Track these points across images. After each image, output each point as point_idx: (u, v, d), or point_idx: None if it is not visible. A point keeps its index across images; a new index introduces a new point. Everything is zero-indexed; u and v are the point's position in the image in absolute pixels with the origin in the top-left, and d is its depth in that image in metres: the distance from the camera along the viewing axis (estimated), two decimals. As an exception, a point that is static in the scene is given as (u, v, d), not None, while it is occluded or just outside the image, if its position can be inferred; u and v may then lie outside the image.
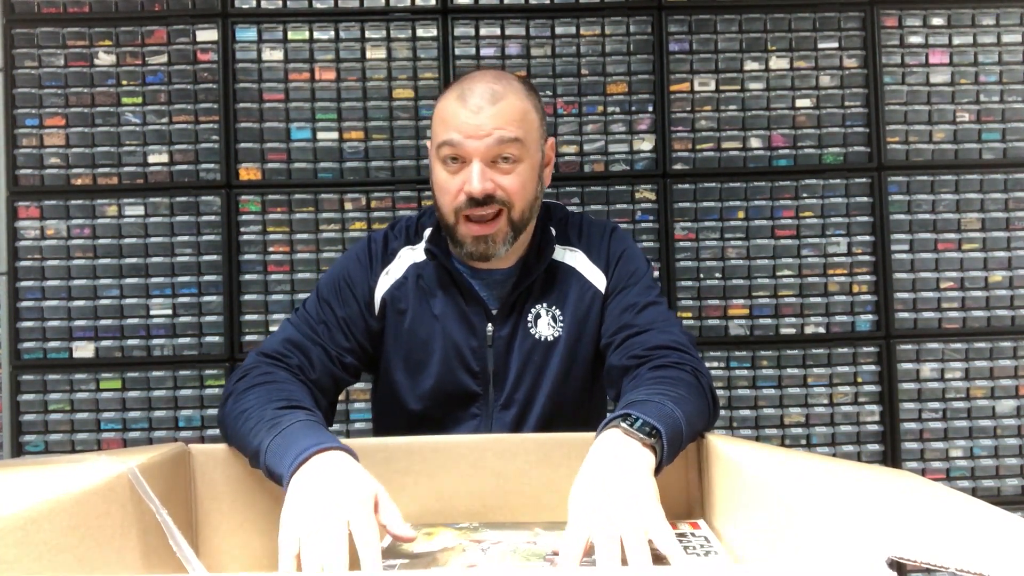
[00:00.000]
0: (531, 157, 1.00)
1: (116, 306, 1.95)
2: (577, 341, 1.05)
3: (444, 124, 0.97)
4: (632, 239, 1.14)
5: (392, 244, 1.09)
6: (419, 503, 0.82)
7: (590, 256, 1.08)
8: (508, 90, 0.98)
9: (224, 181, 1.96)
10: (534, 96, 1.03)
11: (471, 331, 1.04)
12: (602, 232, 1.11)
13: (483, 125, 0.94)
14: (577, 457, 0.83)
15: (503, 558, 0.69)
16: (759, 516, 0.66)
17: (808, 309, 2.00)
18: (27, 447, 1.92)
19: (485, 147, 0.95)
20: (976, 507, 0.54)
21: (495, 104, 0.95)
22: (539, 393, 1.04)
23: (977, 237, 2.01)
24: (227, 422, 0.87)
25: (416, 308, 1.05)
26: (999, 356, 2.00)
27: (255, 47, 1.98)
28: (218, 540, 0.82)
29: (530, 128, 0.99)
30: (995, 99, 2.03)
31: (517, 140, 0.96)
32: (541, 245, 1.06)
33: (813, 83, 2.02)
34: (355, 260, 1.08)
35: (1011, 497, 1.97)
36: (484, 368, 1.04)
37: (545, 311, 1.05)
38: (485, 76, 0.99)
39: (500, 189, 0.97)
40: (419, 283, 1.05)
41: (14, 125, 1.95)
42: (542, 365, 1.04)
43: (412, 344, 1.05)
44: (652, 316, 1.01)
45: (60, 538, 0.57)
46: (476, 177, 0.95)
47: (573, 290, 1.06)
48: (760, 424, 1.99)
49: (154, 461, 0.74)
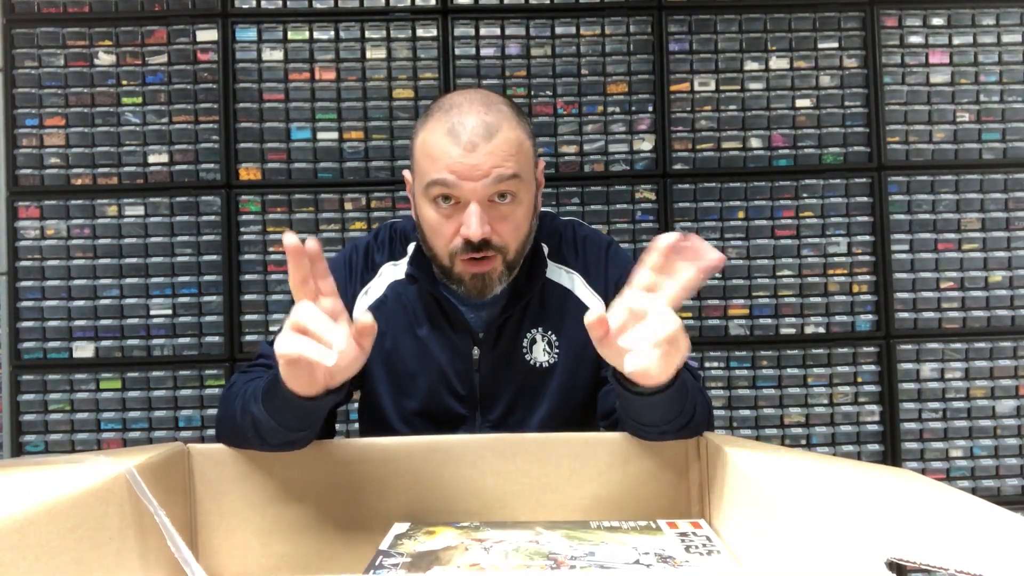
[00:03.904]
0: (528, 191, 0.95)
1: (116, 306, 1.95)
2: (575, 368, 1.02)
3: (433, 161, 0.91)
4: (629, 254, 1.10)
5: (374, 257, 1.05)
6: (419, 503, 0.82)
7: (588, 279, 1.04)
8: (501, 120, 0.91)
9: (224, 181, 1.96)
10: (524, 120, 0.96)
11: (456, 354, 1.01)
12: (598, 251, 1.07)
13: (480, 165, 0.88)
14: (577, 457, 0.83)
15: (506, 557, 0.69)
16: (760, 516, 0.66)
17: (808, 309, 2.00)
18: (27, 447, 1.92)
19: (483, 187, 0.89)
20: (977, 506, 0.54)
21: (490, 140, 0.89)
22: (532, 419, 1.02)
23: (977, 237, 2.01)
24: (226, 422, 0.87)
25: (397, 330, 1.02)
26: (999, 356, 2.00)
27: (255, 47, 1.98)
28: (217, 540, 0.82)
29: (526, 161, 0.93)
30: (995, 99, 2.03)
31: (515, 176, 0.91)
32: (532, 266, 1.02)
33: (813, 83, 2.02)
34: (340, 267, 1.05)
35: (1011, 497, 1.97)
36: (471, 391, 1.01)
37: (541, 336, 1.02)
38: (473, 105, 0.92)
39: (496, 235, 0.92)
40: (401, 302, 1.02)
41: (14, 125, 1.95)
42: (537, 391, 1.02)
43: (395, 365, 1.02)
44: None
45: (57, 540, 0.57)
46: (475, 222, 0.89)
47: (570, 315, 1.02)
48: (760, 424, 1.99)
49: (152, 461, 0.74)
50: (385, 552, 0.71)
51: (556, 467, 0.83)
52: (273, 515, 0.81)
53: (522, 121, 0.95)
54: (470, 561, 0.68)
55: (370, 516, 0.74)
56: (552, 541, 0.73)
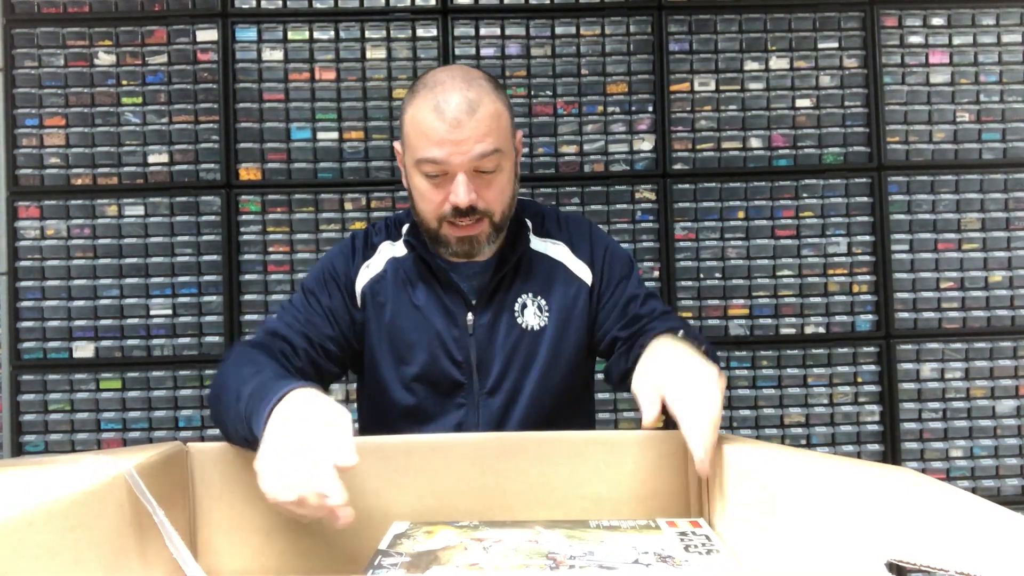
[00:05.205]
0: (508, 159, 1.03)
1: (116, 306, 1.95)
2: (563, 331, 1.09)
3: (423, 138, 0.99)
4: (610, 236, 1.19)
5: (374, 239, 1.13)
6: (419, 502, 0.82)
7: (573, 250, 1.12)
8: (481, 95, 0.99)
9: (224, 181, 1.96)
10: (502, 93, 1.04)
11: (451, 320, 1.07)
12: (580, 227, 1.15)
13: (464, 140, 0.97)
14: (577, 457, 0.83)
15: (505, 556, 0.69)
16: (760, 515, 0.66)
17: (808, 309, 2.00)
18: (27, 447, 1.92)
19: (469, 160, 0.98)
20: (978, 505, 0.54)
21: (473, 115, 0.97)
22: (527, 382, 1.08)
23: (977, 237, 2.01)
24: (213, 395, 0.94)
25: (396, 300, 1.08)
26: (999, 356, 2.00)
27: (255, 47, 1.98)
28: (217, 540, 0.82)
29: (505, 132, 1.02)
30: (995, 99, 2.03)
31: (497, 151, 0.99)
32: (517, 236, 1.10)
33: (813, 83, 2.02)
34: (339, 254, 1.13)
35: (1011, 497, 1.97)
36: (467, 357, 1.07)
37: (531, 301, 1.09)
38: (456, 81, 0.99)
39: (482, 200, 1.01)
40: (398, 276, 1.09)
41: (14, 125, 1.95)
42: (529, 354, 1.08)
43: (395, 335, 1.08)
44: (653, 306, 1.09)
45: (56, 540, 0.57)
46: (462, 190, 0.98)
47: (559, 282, 1.10)
48: (760, 424, 1.99)
49: (152, 461, 0.74)
50: (384, 552, 0.71)
51: (556, 467, 0.83)
52: (273, 514, 0.81)
53: (500, 95, 1.03)
54: (469, 561, 0.68)
55: (369, 516, 0.74)
56: (551, 540, 0.73)
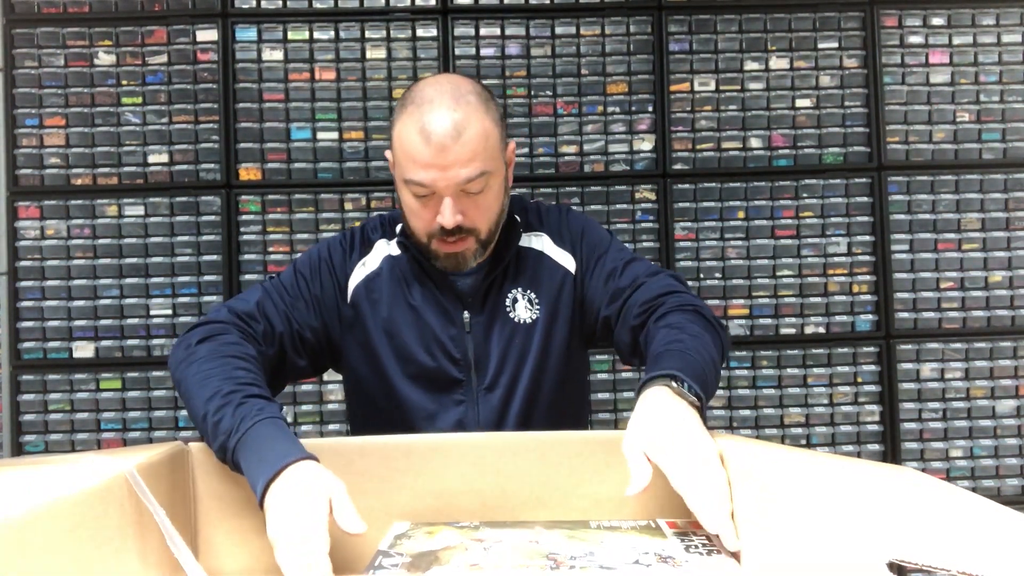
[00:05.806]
0: (496, 177, 1.03)
1: (116, 306, 1.95)
2: (553, 322, 1.10)
3: (409, 159, 0.98)
4: (586, 216, 1.20)
5: (371, 236, 1.14)
6: (419, 502, 0.82)
7: (554, 239, 1.13)
8: (469, 114, 0.97)
9: (224, 181, 1.96)
10: (492, 105, 1.03)
11: (448, 319, 1.08)
12: (558, 214, 1.17)
13: (450, 164, 0.96)
14: (578, 456, 0.83)
15: (506, 556, 0.69)
16: (760, 515, 0.66)
17: (808, 309, 2.00)
18: (27, 447, 1.92)
19: (455, 184, 0.98)
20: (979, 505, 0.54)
21: (458, 140, 0.96)
22: (522, 375, 1.09)
23: (977, 237, 2.01)
24: (181, 369, 0.90)
25: (392, 298, 1.09)
26: (999, 356, 2.00)
27: (255, 47, 1.98)
28: (218, 539, 0.82)
29: (493, 151, 1.01)
30: (995, 99, 2.03)
31: (483, 173, 0.99)
32: (510, 234, 1.11)
33: (813, 83, 2.02)
34: (337, 244, 1.13)
35: (1011, 497, 1.97)
36: (465, 355, 1.08)
37: (521, 295, 1.10)
38: (444, 98, 0.98)
39: (468, 219, 1.01)
40: (395, 274, 1.10)
41: (14, 125, 1.95)
42: (523, 347, 1.09)
43: (392, 333, 1.08)
44: (635, 272, 1.08)
45: (57, 540, 0.57)
46: (448, 213, 0.98)
47: (545, 273, 1.11)
48: (760, 424, 1.99)
49: (152, 460, 0.74)
50: (385, 552, 0.71)
51: (556, 467, 0.83)
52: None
53: (490, 108, 1.02)
54: (470, 561, 0.68)
55: (370, 516, 0.74)
56: (552, 541, 0.73)
